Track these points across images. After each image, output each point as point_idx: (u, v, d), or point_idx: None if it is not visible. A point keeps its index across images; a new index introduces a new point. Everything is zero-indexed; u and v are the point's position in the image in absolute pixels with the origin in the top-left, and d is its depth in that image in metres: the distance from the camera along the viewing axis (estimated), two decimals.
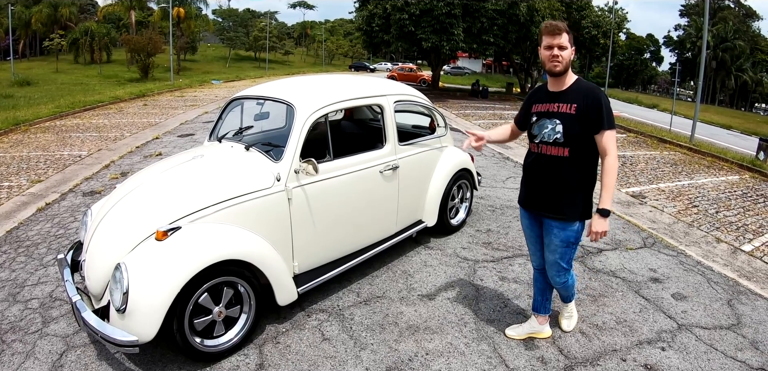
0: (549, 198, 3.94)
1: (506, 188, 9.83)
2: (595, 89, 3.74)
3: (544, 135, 3.86)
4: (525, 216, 4.30)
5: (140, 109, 20.95)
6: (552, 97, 3.86)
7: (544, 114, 3.88)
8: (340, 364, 4.13)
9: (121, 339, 3.51)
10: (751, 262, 6.83)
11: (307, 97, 4.91)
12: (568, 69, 3.76)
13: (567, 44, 3.67)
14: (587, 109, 3.65)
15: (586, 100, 3.66)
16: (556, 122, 3.77)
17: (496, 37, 30.98)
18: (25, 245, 6.28)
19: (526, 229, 4.36)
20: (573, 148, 3.75)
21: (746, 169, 13.72)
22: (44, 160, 10.93)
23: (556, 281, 4.22)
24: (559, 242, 4.00)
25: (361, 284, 5.49)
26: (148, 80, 42.32)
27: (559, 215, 3.91)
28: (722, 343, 4.70)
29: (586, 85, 3.78)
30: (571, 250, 4.06)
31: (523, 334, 4.60)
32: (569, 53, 3.70)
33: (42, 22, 63.97)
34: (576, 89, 3.76)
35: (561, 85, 3.82)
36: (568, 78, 3.80)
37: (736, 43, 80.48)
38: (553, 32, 3.66)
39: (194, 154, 5.03)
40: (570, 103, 3.72)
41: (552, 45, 3.67)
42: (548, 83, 3.93)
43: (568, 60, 3.71)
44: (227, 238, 4.01)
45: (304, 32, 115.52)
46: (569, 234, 3.96)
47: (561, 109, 3.76)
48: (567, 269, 4.15)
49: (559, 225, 3.95)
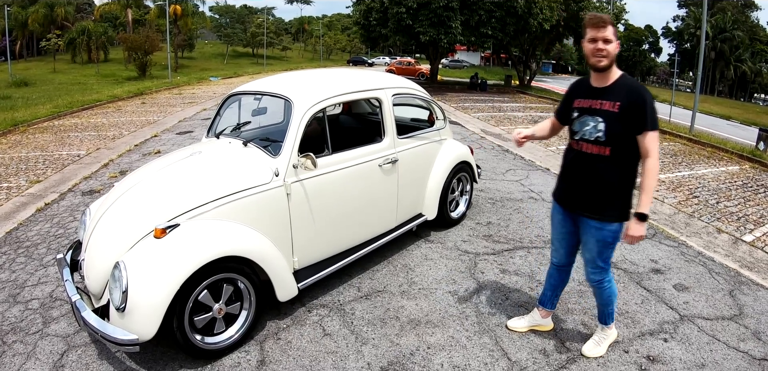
0: (587, 197, 3.81)
1: (506, 180, 9.80)
2: (640, 88, 3.57)
3: (585, 132, 3.71)
4: (558, 211, 4.19)
5: (138, 107, 20.92)
6: (595, 93, 3.70)
7: (586, 110, 3.73)
8: (342, 359, 4.12)
9: (121, 338, 3.50)
10: (752, 252, 6.82)
11: (305, 91, 4.89)
12: (613, 64, 3.61)
13: (612, 37, 3.51)
14: (631, 108, 3.49)
15: (630, 98, 3.50)
16: (598, 120, 3.62)
17: (494, 29, 30.86)
18: (24, 246, 6.26)
19: (557, 225, 4.25)
20: (614, 147, 3.60)
21: (746, 160, 13.71)
22: (43, 160, 10.91)
23: (591, 278, 4.07)
24: (594, 242, 3.88)
25: (361, 278, 5.48)
26: (145, 78, 42.24)
27: (597, 215, 3.78)
28: (724, 334, 4.69)
29: (631, 82, 3.62)
30: (608, 250, 3.91)
31: (524, 327, 4.59)
32: (614, 47, 3.54)
33: (39, 22, 63.80)
34: (620, 86, 3.60)
35: (605, 80, 3.66)
36: (613, 73, 3.64)
37: (735, 34, 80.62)
38: (598, 24, 3.52)
39: (192, 151, 5.01)
40: (613, 100, 3.56)
41: (596, 38, 3.52)
42: (591, 78, 3.76)
43: (614, 54, 3.55)
44: (226, 235, 3.99)
45: (301, 28, 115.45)
46: (606, 235, 3.81)
47: (604, 107, 3.60)
48: (604, 268, 4.00)
49: (596, 225, 3.82)
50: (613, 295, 4.16)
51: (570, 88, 4.04)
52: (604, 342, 4.35)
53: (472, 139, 14.68)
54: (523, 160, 12.02)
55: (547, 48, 43.81)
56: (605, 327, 4.36)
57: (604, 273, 4.02)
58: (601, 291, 4.12)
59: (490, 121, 19.09)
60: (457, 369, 4.05)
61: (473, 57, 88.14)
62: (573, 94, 3.93)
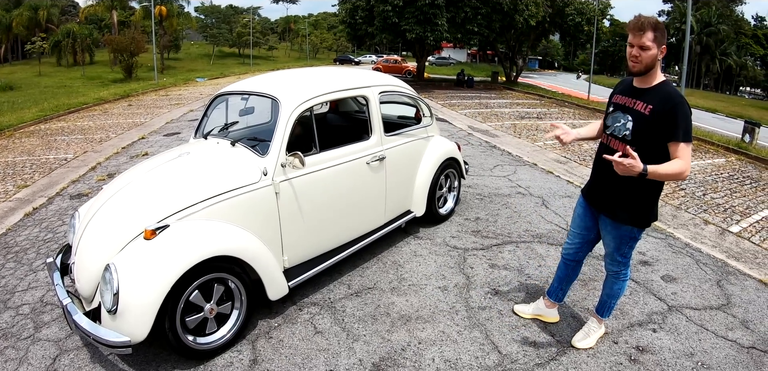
0: (607, 195, 3.83)
1: (493, 176, 9.85)
2: (676, 96, 3.44)
3: (615, 128, 3.72)
4: (581, 203, 4.21)
5: (125, 109, 20.80)
6: (634, 92, 3.66)
7: (620, 107, 3.73)
8: (334, 356, 4.14)
9: (113, 341, 3.50)
10: (739, 243, 6.90)
11: (292, 90, 4.90)
12: (654, 68, 3.51)
13: (650, 44, 3.39)
14: (662, 115, 3.42)
15: (663, 105, 3.42)
16: (628, 118, 3.61)
17: (480, 26, 30.91)
18: (13, 251, 6.23)
19: (577, 218, 4.25)
20: (640, 148, 3.42)
21: (732, 152, 13.85)
22: (30, 165, 10.84)
23: (609, 267, 4.12)
24: (611, 238, 3.94)
25: (351, 276, 5.50)
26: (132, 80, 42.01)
27: (611, 214, 3.82)
28: (713, 323, 4.75)
29: (669, 90, 3.50)
30: (625, 247, 3.93)
31: (529, 313, 4.67)
32: (652, 54, 3.43)
33: (23, 25, 63.29)
34: (657, 91, 3.52)
35: (646, 82, 3.59)
36: (655, 77, 3.56)
37: (720, 28, 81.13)
38: (636, 29, 3.44)
39: (180, 152, 5.00)
40: (647, 103, 3.51)
41: (633, 43, 3.47)
42: (634, 78, 3.71)
43: (650, 61, 3.45)
44: (216, 235, 4.00)
45: (287, 27, 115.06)
46: (621, 234, 3.85)
47: (637, 107, 3.57)
48: (622, 262, 4.02)
49: (612, 224, 3.86)
50: (622, 291, 4.19)
51: (616, 86, 4.02)
52: (594, 335, 4.37)
53: (460, 135, 14.71)
54: (510, 155, 12.07)
55: (533, 44, 43.90)
56: (600, 319, 4.40)
57: (622, 267, 4.06)
58: (614, 282, 4.14)
59: (477, 117, 19.13)
60: (448, 363, 4.07)
61: (460, 54, 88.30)
62: (615, 91, 3.93)
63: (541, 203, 8.17)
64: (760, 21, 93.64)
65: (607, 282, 4.23)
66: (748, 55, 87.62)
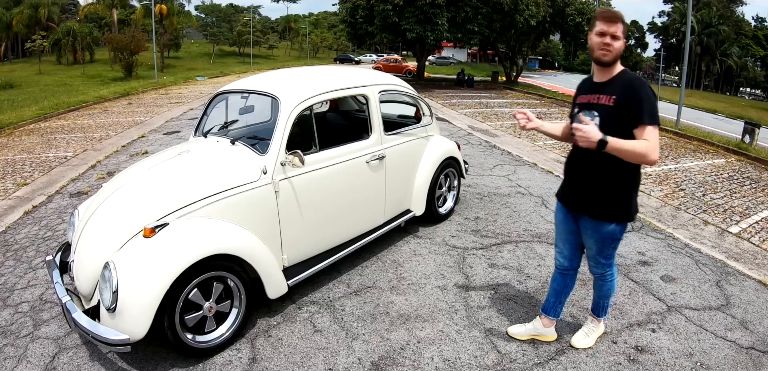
0: (584, 195, 3.72)
1: (493, 176, 9.85)
2: (636, 80, 3.43)
3: None
4: (560, 209, 4.08)
5: (125, 108, 20.79)
6: (595, 87, 3.62)
7: (585, 105, 3.66)
8: (333, 355, 4.14)
9: (112, 339, 3.50)
10: (738, 244, 6.89)
11: (292, 88, 4.90)
12: (617, 60, 3.50)
13: (621, 35, 3.41)
14: (626, 101, 3.37)
15: (626, 92, 3.39)
16: (594, 114, 3.52)
17: (480, 26, 30.91)
18: (13, 249, 6.22)
19: (559, 224, 4.13)
20: None
21: (732, 152, 13.82)
22: (30, 163, 10.83)
23: (594, 271, 4.03)
24: (593, 242, 3.83)
25: (351, 275, 5.50)
26: (132, 79, 41.87)
27: (593, 214, 3.71)
28: (712, 324, 4.75)
29: (631, 76, 3.49)
30: (608, 248, 3.84)
31: (526, 335, 4.43)
32: (621, 45, 3.43)
33: (23, 23, 63.23)
34: (618, 80, 3.49)
35: (606, 75, 3.56)
36: (614, 69, 3.53)
37: (721, 29, 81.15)
38: (609, 19, 3.41)
39: (180, 150, 5.00)
40: (610, 94, 3.47)
41: (605, 32, 3.40)
42: (594, 74, 3.67)
43: (618, 51, 3.44)
44: (215, 233, 4.00)
45: (288, 26, 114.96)
46: (604, 234, 3.74)
47: (601, 100, 3.51)
48: (606, 264, 3.94)
49: (592, 226, 3.76)
50: (612, 289, 4.14)
51: (577, 88, 3.95)
52: (593, 334, 4.35)
53: (460, 135, 14.71)
54: (510, 155, 12.07)
55: (533, 44, 43.93)
56: (597, 319, 4.37)
57: (607, 268, 3.99)
58: (602, 284, 4.09)
59: (477, 117, 19.13)
60: (447, 362, 4.07)
61: (460, 54, 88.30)
62: (578, 92, 3.86)
63: (540, 203, 8.17)
64: (760, 22, 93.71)
65: (595, 285, 4.19)
66: (749, 56, 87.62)
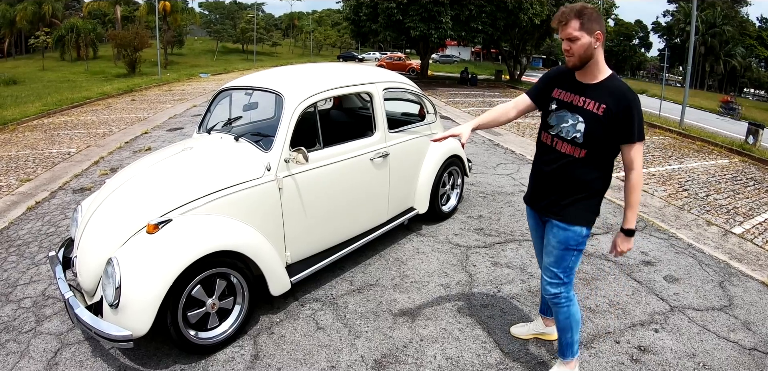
0: (554, 197, 3.46)
1: (497, 174, 9.84)
2: (628, 94, 3.13)
3: (563, 129, 3.35)
4: (530, 215, 3.81)
5: (128, 104, 20.80)
6: (579, 88, 3.30)
7: (566, 105, 3.35)
8: (335, 353, 4.13)
9: (114, 335, 3.50)
10: (741, 244, 6.88)
11: (296, 85, 4.89)
12: (594, 60, 3.19)
13: (577, 33, 3.08)
14: (617, 116, 3.12)
15: (617, 106, 3.11)
16: (578, 119, 3.24)
17: (484, 24, 30.90)
18: (16, 244, 6.23)
19: (532, 230, 3.90)
20: (590, 150, 3.25)
21: (736, 153, 13.82)
22: (33, 159, 10.84)
23: (547, 291, 3.60)
24: (556, 242, 3.47)
25: (354, 272, 5.49)
26: (135, 75, 41.86)
27: (560, 216, 3.42)
28: (715, 324, 4.74)
29: (621, 86, 3.18)
30: (569, 257, 3.48)
31: (528, 334, 4.38)
32: (583, 44, 3.11)
33: (27, 19, 63.21)
34: (608, 87, 3.19)
35: (591, 77, 3.26)
36: (601, 71, 3.23)
37: (725, 29, 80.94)
38: (559, 23, 3.19)
39: (183, 147, 5.00)
40: (599, 102, 3.17)
41: (562, 37, 3.18)
42: (575, 71, 3.33)
43: (582, 51, 3.13)
44: (219, 230, 3.99)
45: (291, 23, 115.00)
46: (569, 236, 3.41)
47: (587, 106, 3.22)
48: (563, 281, 3.53)
49: (559, 225, 3.43)
50: (572, 319, 3.63)
51: (551, 73, 3.64)
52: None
53: None
54: (513, 153, 12.06)
55: (537, 43, 43.80)
56: (564, 361, 3.79)
57: (562, 287, 3.56)
58: (558, 309, 3.62)
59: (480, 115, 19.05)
60: (450, 360, 4.07)
61: (464, 52, 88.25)
62: (554, 82, 3.53)
63: None
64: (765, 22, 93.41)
65: (554, 314, 3.71)
66: (753, 56, 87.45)
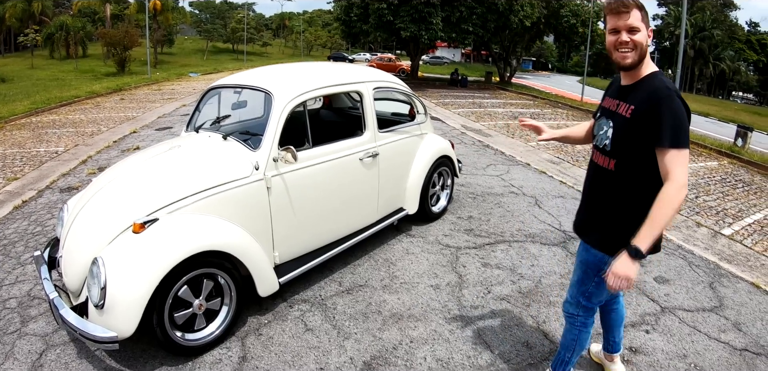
0: (584, 216, 3.22)
1: (487, 175, 9.83)
2: (662, 90, 2.67)
3: (598, 138, 3.05)
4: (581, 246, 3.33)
5: (117, 103, 20.66)
6: (620, 92, 2.95)
7: (606, 111, 3.03)
8: (324, 354, 4.10)
9: (100, 336, 3.45)
10: (731, 246, 6.90)
11: (285, 84, 4.86)
12: (643, 59, 2.79)
13: (639, 24, 2.70)
14: (644, 114, 2.70)
15: (646, 103, 2.71)
16: (609, 124, 2.92)
17: (474, 26, 30.94)
18: (2, 244, 6.15)
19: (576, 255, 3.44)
20: (621, 161, 2.86)
21: (725, 155, 13.93)
22: (20, 157, 10.74)
23: (566, 307, 3.43)
24: (579, 261, 3.27)
25: (343, 273, 5.46)
26: (124, 74, 41.64)
27: (585, 237, 3.18)
28: (705, 325, 4.74)
29: (656, 83, 2.74)
30: (588, 280, 3.21)
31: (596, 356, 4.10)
32: (643, 36, 2.72)
33: (16, 17, 62.80)
34: (642, 86, 2.80)
35: (634, 77, 2.87)
36: (643, 69, 2.83)
37: (714, 33, 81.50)
38: (618, 10, 2.73)
39: (171, 145, 4.96)
40: (629, 103, 2.81)
41: (618, 27, 2.74)
42: (623, 76, 2.98)
43: (642, 47, 2.74)
44: (206, 229, 3.95)
45: (282, 23, 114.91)
46: (590, 257, 3.13)
47: (619, 109, 2.87)
48: (583, 305, 3.31)
49: (583, 247, 3.21)
50: (578, 344, 3.46)
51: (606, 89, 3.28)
52: None
53: (453, 134, 14.68)
54: (503, 155, 12.07)
55: (527, 45, 43.92)
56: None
57: (581, 310, 3.35)
58: (570, 328, 3.47)
59: (470, 116, 19.11)
60: (440, 362, 4.04)
61: (454, 53, 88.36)
62: (604, 94, 3.22)
63: (534, 203, 8.15)
64: (753, 27, 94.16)
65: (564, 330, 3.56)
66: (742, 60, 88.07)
